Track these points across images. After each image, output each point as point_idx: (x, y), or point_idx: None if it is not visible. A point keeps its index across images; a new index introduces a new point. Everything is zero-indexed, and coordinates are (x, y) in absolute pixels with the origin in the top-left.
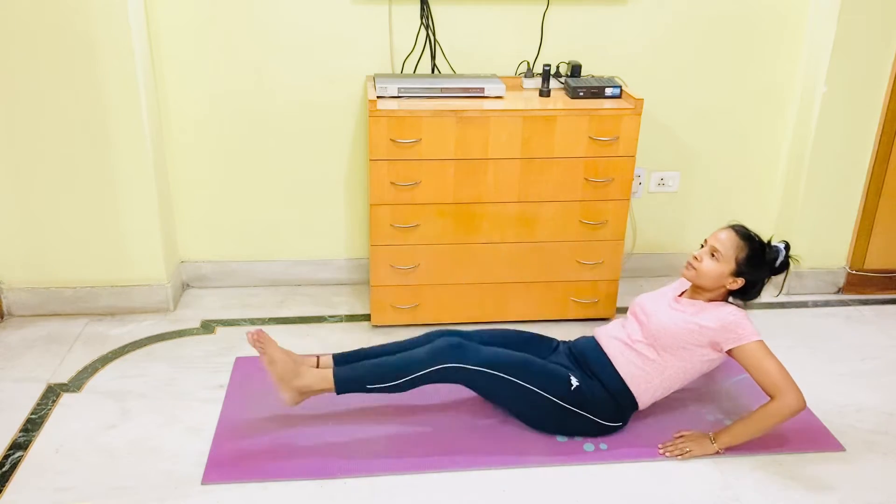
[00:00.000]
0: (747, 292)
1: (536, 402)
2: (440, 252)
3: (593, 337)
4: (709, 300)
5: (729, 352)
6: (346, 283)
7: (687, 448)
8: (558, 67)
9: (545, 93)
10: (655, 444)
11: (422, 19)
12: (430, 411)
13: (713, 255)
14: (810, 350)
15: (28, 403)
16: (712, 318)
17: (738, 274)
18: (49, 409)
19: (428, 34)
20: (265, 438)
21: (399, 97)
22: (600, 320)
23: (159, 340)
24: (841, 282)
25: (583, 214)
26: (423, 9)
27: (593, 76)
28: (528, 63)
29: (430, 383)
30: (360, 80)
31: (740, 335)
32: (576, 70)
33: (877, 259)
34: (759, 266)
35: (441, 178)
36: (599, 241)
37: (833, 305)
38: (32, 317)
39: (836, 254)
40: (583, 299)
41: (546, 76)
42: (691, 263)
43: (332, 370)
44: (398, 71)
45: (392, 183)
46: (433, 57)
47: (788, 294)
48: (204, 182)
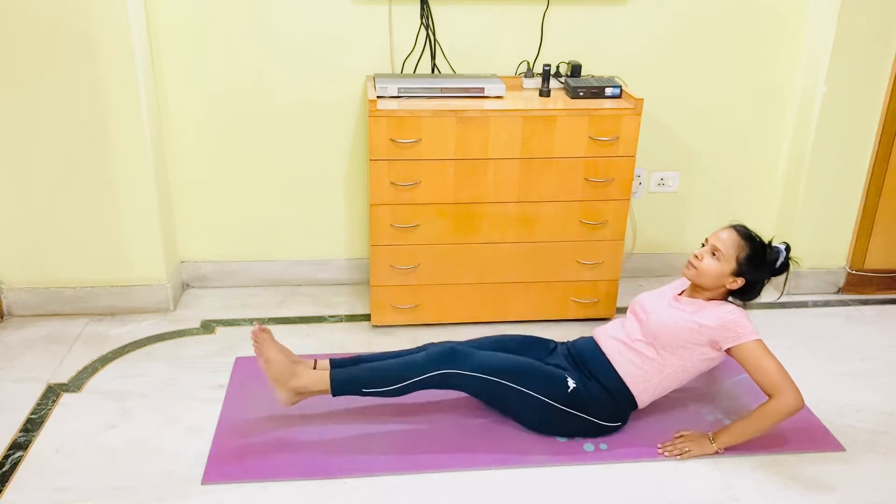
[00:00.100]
0: (747, 292)
1: (534, 406)
2: (440, 252)
3: (591, 337)
4: (708, 299)
5: (728, 351)
6: (346, 283)
7: (686, 448)
8: (558, 67)
9: (545, 93)
10: (655, 444)
11: (422, 19)
12: (430, 411)
13: (714, 254)
14: (810, 350)
15: (28, 403)
16: (711, 316)
17: (738, 274)
18: (49, 409)
19: (428, 34)
20: (265, 438)
21: (399, 97)
22: (600, 320)
23: (159, 340)
24: (841, 282)
25: (583, 214)
26: (423, 9)
27: (593, 76)
28: (528, 63)
29: (425, 389)
30: (360, 80)
31: (739, 334)
32: (576, 70)
33: (877, 259)
34: (760, 266)
35: (441, 178)
36: (599, 241)
37: (833, 305)
38: (32, 317)
39: (836, 254)
40: (583, 299)
41: (546, 76)
42: (692, 262)
43: (329, 372)
44: (398, 71)
45: (392, 183)
46: (433, 57)
47: (788, 294)
48: (204, 182)
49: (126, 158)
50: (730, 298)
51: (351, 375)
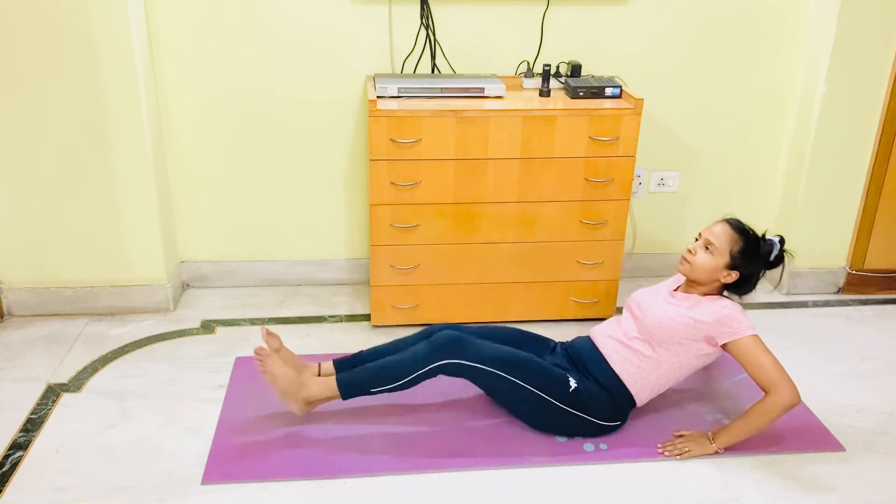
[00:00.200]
0: (742, 286)
1: (535, 402)
2: (440, 252)
3: (588, 337)
4: (704, 294)
5: (724, 346)
6: (346, 283)
7: (686, 448)
8: (558, 67)
9: (545, 93)
10: (655, 444)
11: (422, 19)
12: (430, 411)
13: (707, 248)
14: (810, 350)
15: (28, 403)
16: (707, 311)
17: (732, 267)
18: (49, 409)
19: (428, 34)
20: (265, 438)
21: (399, 97)
22: (600, 320)
23: (159, 340)
24: (841, 282)
25: (583, 214)
26: (423, 9)
27: (593, 76)
28: (528, 63)
29: (431, 378)
30: (360, 80)
31: (735, 329)
32: (576, 70)
33: (877, 259)
34: (754, 259)
35: (441, 178)
36: (599, 241)
37: (833, 305)
38: (32, 317)
39: (836, 254)
40: (583, 299)
41: (546, 76)
42: (685, 257)
43: (335, 377)
44: (398, 71)
45: (392, 183)
46: (433, 57)
47: (788, 294)
48: (204, 182)
49: (126, 158)
50: (725, 293)
51: (357, 377)
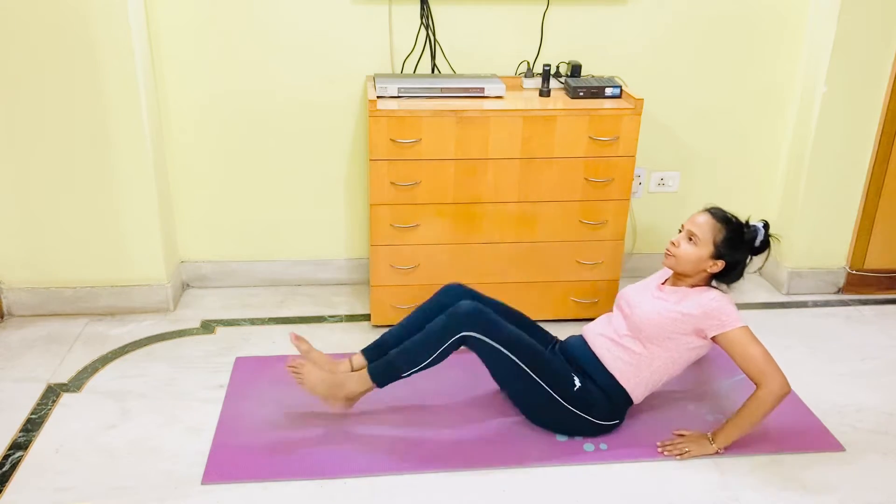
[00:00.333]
0: (728, 274)
1: (539, 394)
2: (440, 252)
3: (581, 336)
4: (691, 286)
5: (713, 339)
6: (346, 283)
7: (686, 448)
8: (558, 67)
9: (545, 93)
10: (655, 444)
11: (422, 19)
12: (430, 411)
13: (691, 238)
14: (810, 350)
15: (28, 403)
16: (694, 304)
17: (717, 256)
18: (49, 409)
19: (428, 34)
20: (265, 438)
21: (399, 97)
22: None
23: (159, 340)
24: (841, 282)
25: (583, 214)
26: (423, 9)
27: (593, 76)
28: (528, 63)
29: (455, 349)
30: (360, 80)
31: (724, 322)
32: (576, 70)
33: (877, 259)
34: (738, 247)
35: (441, 178)
36: (599, 241)
37: (833, 305)
38: (32, 317)
39: (836, 254)
40: (582, 299)
41: (546, 76)
42: (670, 250)
43: (367, 369)
44: (398, 71)
45: (392, 183)
46: (433, 57)
47: (788, 294)
48: (204, 182)
49: (126, 158)
50: (713, 283)
51: (388, 365)
